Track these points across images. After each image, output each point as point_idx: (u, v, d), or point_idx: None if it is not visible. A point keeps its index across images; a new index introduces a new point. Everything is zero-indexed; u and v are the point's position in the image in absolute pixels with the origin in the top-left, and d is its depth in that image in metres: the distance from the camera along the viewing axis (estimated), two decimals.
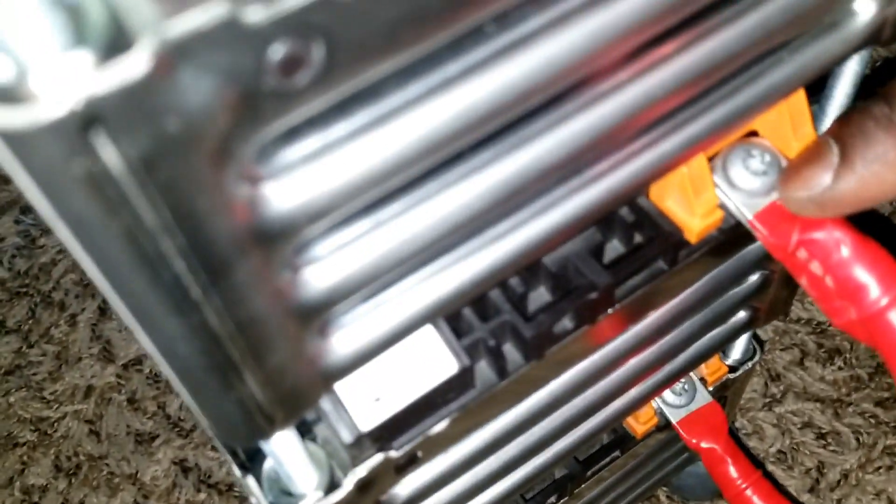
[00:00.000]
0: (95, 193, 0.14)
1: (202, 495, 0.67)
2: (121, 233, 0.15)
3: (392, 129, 0.18)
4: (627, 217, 0.30)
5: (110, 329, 0.76)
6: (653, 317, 0.33)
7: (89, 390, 0.73)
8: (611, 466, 0.47)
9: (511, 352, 0.29)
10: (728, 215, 0.30)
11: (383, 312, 0.22)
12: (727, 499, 0.51)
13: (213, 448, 0.69)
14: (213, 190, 0.16)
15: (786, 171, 0.28)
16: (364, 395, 0.26)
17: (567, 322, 0.29)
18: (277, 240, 0.18)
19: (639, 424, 0.46)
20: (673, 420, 0.47)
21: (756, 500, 0.49)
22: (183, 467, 0.68)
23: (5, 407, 0.72)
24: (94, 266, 0.16)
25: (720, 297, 0.36)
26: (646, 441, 0.48)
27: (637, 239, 0.30)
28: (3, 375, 0.74)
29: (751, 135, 0.30)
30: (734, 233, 0.31)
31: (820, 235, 0.27)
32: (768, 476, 0.62)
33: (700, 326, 0.37)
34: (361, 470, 0.27)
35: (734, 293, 0.37)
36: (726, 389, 0.49)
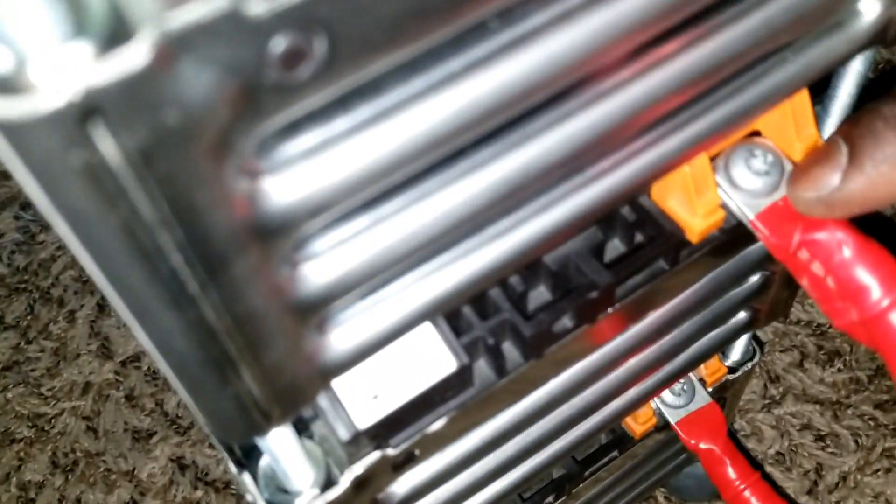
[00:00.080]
0: (93, 186, 0.14)
1: (199, 493, 0.67)
2: (118, 226, 0.15)
3: (393, 125, 0.18)
4: (629, 216, 0.30)
5: (109, 326, 0.76)
6: (653, 317, 0.33)
7: (87, 387, 0.73)
8: (609, 467, 0.47)
9: (510, 350, 0.29)
10: (730, 215, 0.30)
11: (382, 309, 0.22)
12: (725, 500, 0.51)
13: (211, 445, 0.69)
14: (213, 184, 0.16)
15: (794, 171, 0.28)
16: (362, 393, 0.26)
17: (567, 321, 0.29)
18: (276, 235, 0.18)
19: (637, 425, 0.46)
20: (672, 421, 0.47)
21: (754, 502, 0.49)
22: (180, 464, 0.68)
23: (3, 403, 0.72)
24: (91, 259, 0.16)
25: (720, 298, 0.36)
26: (644, 441, 0.47)
27: (638, 238, 0.30)
28: (1, 371, 0.74)
29: (754, 135, 0.30)
30: (735, 233, 0.30)
31: (822, 236, 0.27)
32: (767, 477, 0.62)
33: (700, 327, 0.37)
34: (358, 468, 0.27)
35: (734, 294, 0.37)
36: (725, 390, 0.49)
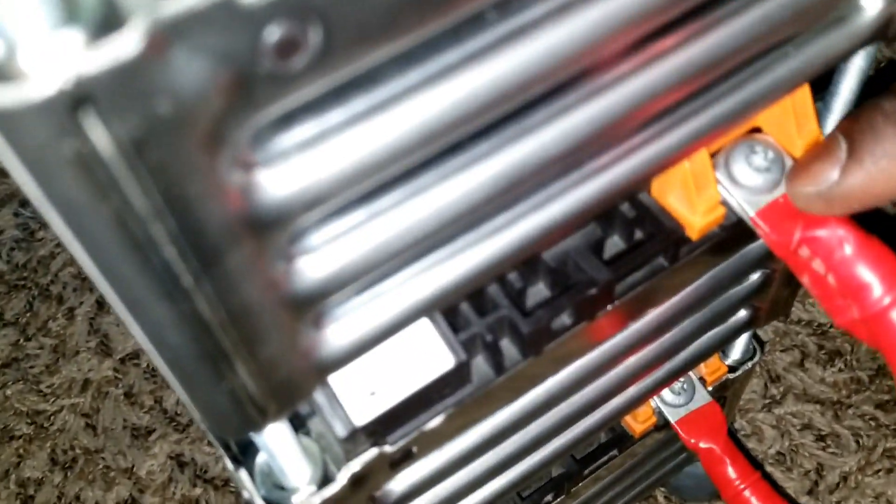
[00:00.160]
0: (85, 175, 0.14)
1: (198, 490, 0.67)
2: (110, 217, 0.15)
3: (390, 117, 0.18)
4: (628, 213, 0.30)
5: (108, 323, 0.76)
6: (652, 314, 0.33)
7: (86, 384, 0.73)
8: (608, 465, 0.47)
9: (508, 347, 0.29)
10: (730, 212, 0.29)
11: (379, 304, 0.22)
12: (725, 500, 0.50)
13: (210, 443, 0.68)
14: (206, 175, 0.16)
15: (793, 167, 0.28)
16: (359, 389, 0.26)
17: (566, 318, 0.29)
18: (271, 228, 0.18)
19: (637, 423, 0.46)
20: (671, 419, 0.46)
21: (754, 502, 0.49)
22: (179, 462, 0.68)
23: (2, 400, 0.72)
24: (84, 251, 0.16)
25: (721, 296, 0.36)
26: (644, 440, 0.47)
27: (638, 235, 0.30)
28: (0, 368, 0.74)
29: (754, 131, 0.30)
30: (736, 230, 0.30)
31: (823, 233, 0.27)
32: (767, 477, 0.62)
33: (700, 325, 0.36)
34: (355, 464, 0.26)
35: (735, 292, 0.36)
36: (726, 389, 0.49)
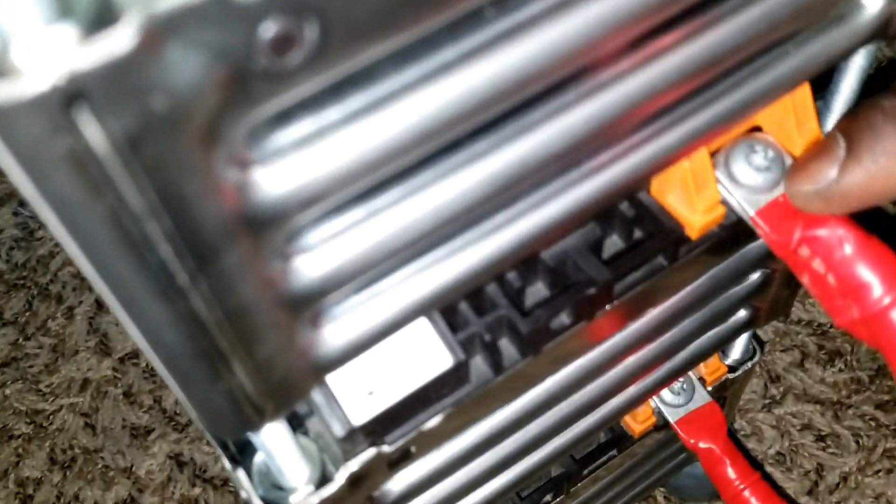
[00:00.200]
0: (78, 173, 0.14)
1: (197, 490, 0.66)
2: (105, 214, 0.15)
3: (387, 115, 0.18)
4: (627, 212, 0.30)
5: (107, 322, 0.75)
6: (652, 314, 0.33)
7: (85, 383, 0.72)
8: (608, 465, 0.47)
9: (507, 347, 0.29)
10: (730, 211, 0.29)
11: (377, 304, 0.22)
12: (725, 500, 0.50)
13: (209, 443, 0.68)
14: (201, 173, 0.15)
15: (792, 166, 0.28)
16: (357, 389, 0.26)
17: (564, 318, 0.29)
18: (268, 227, 0.18)
19: (636, 423, 0.46)
20: (671, 420, 0.46)
21: (754, 502, 0.49)
22: (178, 461, 0.68)
23: (1, 399, 0.72)
24: (79, 249, 0.16)
25: (720, 296, 0.36)
26: (643, 440, 0.47)
27: (637, 234, 0.30)
28: (0, 367, 0.74)
29: (754, 130, 0.29)
30: (735, 229, 0.30)
31: (823, 232, 0.27)
32: (767, 478, 0.62)
33: (699, 325, 0.36)
34: (353, 464, 0.26)
35: (734, 291, 0.36)
36: (725, 390, 0.48)
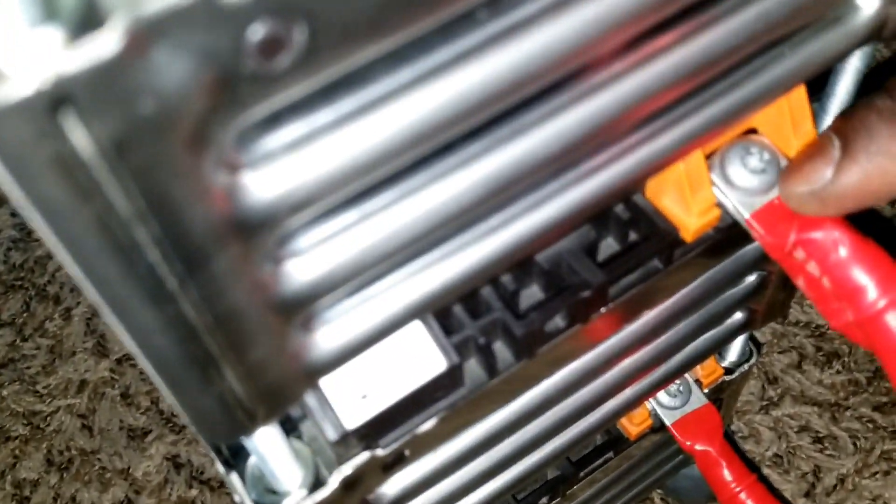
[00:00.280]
0: (65, 177, 0.14)
1: (194, 491, 0.66)
2: (93, 219, 0.15)
3: (379, 118, 0.18)
4: (622, 214, 0.29)
5: (105, 324, 0.75)
6: (647, 317, 0.33)
7: (83, 385, 0.72)
8: (604, 468, 0.47)
9: (501, 350, 0.29)
10: (725, 214, 0.29)
11: (370, 307, 0.22)
12: (721, 502, 0.50)
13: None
14: (190, 177, 0.15)
15: (786, 167, 0.28)
16: (350, 393, 0.26)
17: (559, 321, 0.29)
18: (258, 231, 0.18)
19: (633, 426, 0.46)
20: (667, 422, 0.46)
21: None
22: (175, 463, 0.68)
23: None
24: (67, 254, 0.16)
25: (716, 298, 0.35)
26: (640, 443, 0.47)
27: (632, 237, 0.30)
28: None
29: (750, 132, 0.29)
30: (731, 232, 0.30)
31: (818, 235, 0.27)
32: (764, 480, 0.61)
33: (695, 327, 0.36)
34: (347, 468, 0.26)
35: (730, 294, 0.36)
36: (722, 392, 0.48)
